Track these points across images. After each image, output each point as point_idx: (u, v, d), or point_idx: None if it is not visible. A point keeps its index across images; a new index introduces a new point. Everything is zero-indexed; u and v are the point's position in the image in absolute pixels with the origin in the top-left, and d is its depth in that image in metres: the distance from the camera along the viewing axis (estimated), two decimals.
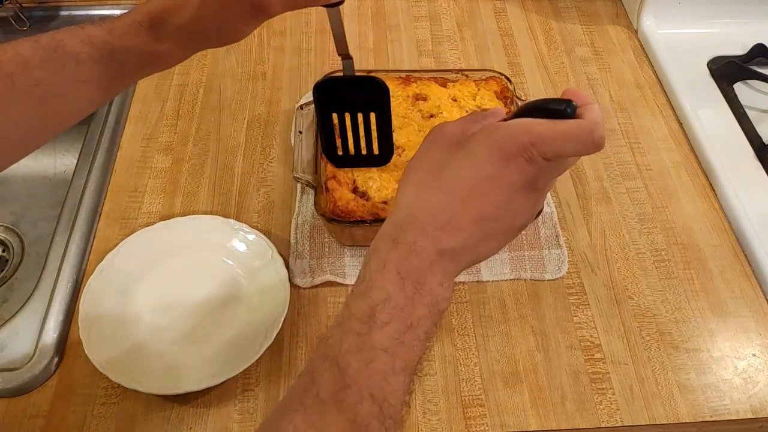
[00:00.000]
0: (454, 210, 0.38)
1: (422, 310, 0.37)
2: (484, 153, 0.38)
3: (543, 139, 0.37)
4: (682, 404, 0.59)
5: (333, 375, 0.35)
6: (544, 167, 0.38)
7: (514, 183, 0.38)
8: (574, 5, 0.98)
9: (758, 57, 0.88)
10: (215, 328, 0.61)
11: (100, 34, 0.47)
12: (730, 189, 0.74)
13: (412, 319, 0.36)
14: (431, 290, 0.37)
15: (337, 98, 0.51)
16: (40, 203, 0.91)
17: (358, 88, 0.51)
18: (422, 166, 0.41)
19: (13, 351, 0.60)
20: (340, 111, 0.51)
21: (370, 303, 0.36)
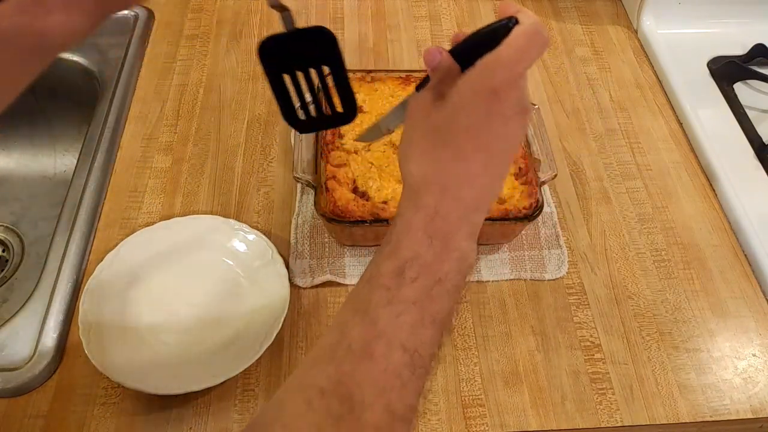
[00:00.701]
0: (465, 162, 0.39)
1: (450, 265, 0.38)
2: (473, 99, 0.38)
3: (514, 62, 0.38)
4: (682, 404, 0.59)
5: (364, 327, 0.36)
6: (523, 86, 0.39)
7: (507, 114, 0.39)
8: (574, 5, 0.98)
9: (758, 57, 0.88)
10: (215, 328, 0.61)
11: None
12: (730, 189, 0.74)
13: (440, 275, 0.37)
14: (459, 246, 0.38)
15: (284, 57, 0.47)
16: (40, 203, 0.92)
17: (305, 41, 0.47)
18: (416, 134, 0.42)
19: (13, 351, 0.60)
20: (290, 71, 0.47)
21: (398, 262, 0.37)
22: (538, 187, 0.65)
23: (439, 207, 0.39)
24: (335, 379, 0.35)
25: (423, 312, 0.36)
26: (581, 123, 0.82)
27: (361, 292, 0.38)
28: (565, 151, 0.79)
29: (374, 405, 0.34)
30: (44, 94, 0.93)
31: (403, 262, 0.37)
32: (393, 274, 0.37)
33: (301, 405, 0.34)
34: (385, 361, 0.35)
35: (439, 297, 0.37)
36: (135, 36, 0.89)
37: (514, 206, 0.63)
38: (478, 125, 0.39)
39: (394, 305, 0.36)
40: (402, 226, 0.39)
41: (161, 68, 0.86)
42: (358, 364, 0.35)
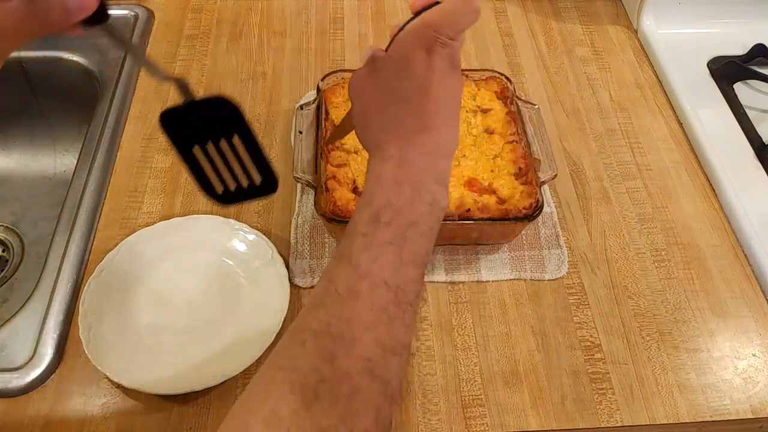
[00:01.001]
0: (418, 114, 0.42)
1: (422, 208, 0.40)
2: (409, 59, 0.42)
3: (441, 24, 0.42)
4: (682, 404, 0.59)
5: (347, 272, 0.38)
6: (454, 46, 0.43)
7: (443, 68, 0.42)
8: (574, 5, 0.98)
9: (758, 57, 0.88)
10: (215, 328, 0.61)
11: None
12: (730, 189, 0.74)
13: (413, 218, 0.40)
14: (428, 189, 0.41)
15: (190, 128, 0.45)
16: (40, 203, 0.92)
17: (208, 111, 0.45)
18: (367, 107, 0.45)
19: (13, 351, 0.60)
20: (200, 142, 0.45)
21: (372, 210, 0.40)
22: (538, 187, 0.65)
23: (404, 155, 0.41)
24: (325, 321, 0.37)
25: (400, 252, 0.39)
26: (581, 123, 0.82)
27: (343, 243, 0.40)
28: (565, 151, 0.79)
29: (363, 339, 0.36)
30: (44, 94, 0.93)
31: (376, 210, 0.40)
32: (369, 221, 0.39)
33: (297, 347, 0.36)
34: (371, 300, 0.37)
35: (415, 238, 0.39)
36: (135, 36, 0.89)
37: (514, 206, 0.63)
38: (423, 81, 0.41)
39: (373, 248, 0.38)
40: (372, 179, 0.42)
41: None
42: (346, 305, 0.37)
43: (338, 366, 0.35)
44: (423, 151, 0.41)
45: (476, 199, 0.64)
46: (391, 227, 0.39)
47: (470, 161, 0.68)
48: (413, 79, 0.42)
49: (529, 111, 0.73)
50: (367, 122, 0.45)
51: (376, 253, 0.38)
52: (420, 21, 0.43)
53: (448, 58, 0.42)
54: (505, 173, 0.67)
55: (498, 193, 0.66)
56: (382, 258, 0.38)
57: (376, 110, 0.44)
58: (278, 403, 0.34)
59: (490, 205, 0.64)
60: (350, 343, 0.36)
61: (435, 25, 0.42)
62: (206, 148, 0.46)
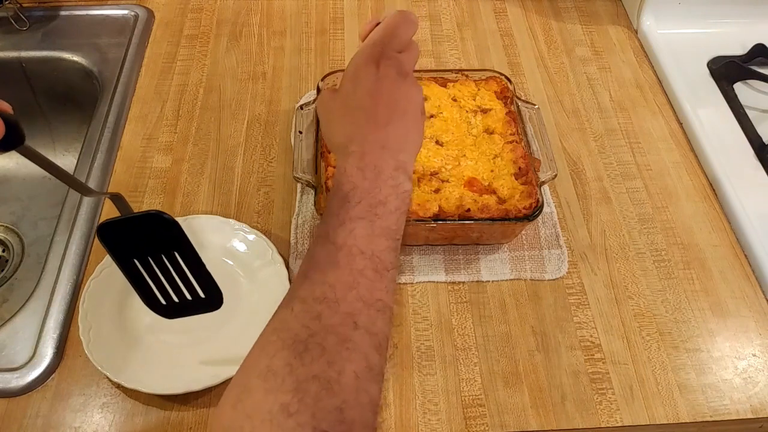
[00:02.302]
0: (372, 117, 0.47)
1: (387, 190, 0.44)
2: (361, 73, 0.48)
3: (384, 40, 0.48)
4: (682, 404, 0.59)
5: (325, 247, 0.42)
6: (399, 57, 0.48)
7: (391, 76, 0.47)
8: (574, 5, 0.98)
9: (758, 57, 0.88)
10: (215, 328, 0.61)
11: None
12: (730, 189, 0.74)
13: (380, 197, 0.44)
14: (390, 174, 0.45)
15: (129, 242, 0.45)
16: (40, 203, 0.92)
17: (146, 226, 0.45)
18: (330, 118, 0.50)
19: (13, 351, 0.60)
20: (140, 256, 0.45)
21: (341, 194, 0.44)
22: (538, 187, 0.65)
23: (365, 149, 0.46)
24: (309, 289, 0.40)
25: (372, 225, 0.42)
26: (581, 123, 0.82)
27: (319, 227, 0.45)
28: (565, 151, 0.79)
29: (347, 297, 0.39)
30: (44, 94, 0.93)
31: (345, 193, 0.44)
32: (340, 203, 0.43)
33: (287, 313, 0.40)
34: (349, 265, 0.41)
35: (384, 215, 0.43)
36: (135, 36, 0.89)
37: (514, 206, 0.63)
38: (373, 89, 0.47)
39: (346, 224, 0.42)
40: (339, 172, 0.46)
41: (161, 68, 0.86)
42: (327, 273, 0.41)
43: (325, 322, 0.38)
44: (379, 145, 0.46)
45: (476, 199, 0.64)
46: (361, 205, 0.43)
47: (470, 161, 0.68)
48: (365, 89, 0.47)
49: (529, 111, 0.73)
50: (331, 131, 0.50)
51: (350, 227, 0.42)
52: (367, 41, 0.50)
53: (396, 68, 0.48)
54: (505, 173, 0.67)
55: (498, 193, 0.66)
56: (355, 231, 0.42)
57: (338, 119, 0.49)
58: (272, 360, 0.37)
59: (490, 205, 0.64)
60: (334, 302, 0.39)
61: (379, 42, 0.48)
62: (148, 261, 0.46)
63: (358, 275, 0.40)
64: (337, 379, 0.36)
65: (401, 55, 0.49)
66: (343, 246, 0.41)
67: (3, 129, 0.41)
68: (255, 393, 0.36)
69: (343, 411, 0.35)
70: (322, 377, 0.36)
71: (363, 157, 0.45)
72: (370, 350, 0.38)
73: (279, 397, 0.35)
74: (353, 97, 0.48)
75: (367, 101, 0.47)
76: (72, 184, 0.48)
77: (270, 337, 0.39)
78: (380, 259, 0.42)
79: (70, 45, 0.89)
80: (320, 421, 0.34)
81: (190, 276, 0.48)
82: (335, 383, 0.36)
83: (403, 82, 0.48)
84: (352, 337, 0.38)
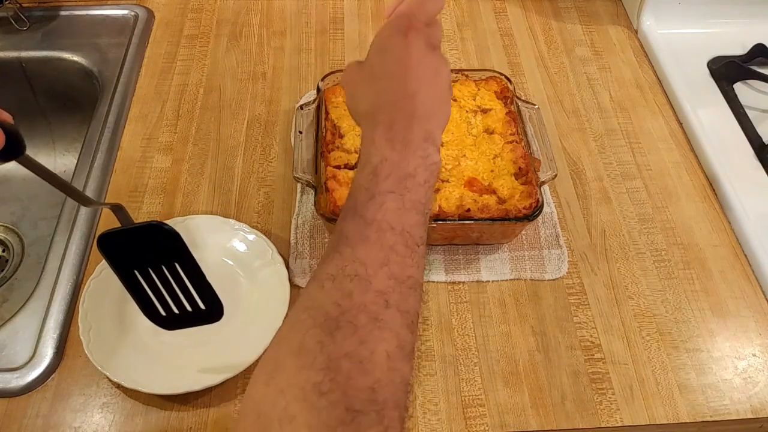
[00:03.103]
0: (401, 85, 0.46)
1: (416, 162, 0.43)
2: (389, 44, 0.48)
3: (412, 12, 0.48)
4: (682, 404, 0.59)
5: (355, 222, 0.41)
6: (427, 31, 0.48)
7: (420, 48, 0.47)
8: (574, 5, 0.98)
9: (758, 57, 0.88)
10: (215, 327, 0.61)
11: None
12: (730, 189, 0.74)
13: (409, 170, 0.42)
14: (419, 145, 0.44)
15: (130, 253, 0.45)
16: (40, 203, 0.92)
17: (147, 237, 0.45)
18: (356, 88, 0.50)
19: (13, 351, 0.60)
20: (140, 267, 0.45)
21: (370, 167, 0.43)
22: (538, 187, 0.65)
23: (393, 118, 0.45)
24: (340, 265, 0.39)
25: (402, 199, 0.41)
26: (581, 123, 0.82)
27: (348, 200, 0.43)
28: (565, 151, 0.79)
29: (378, 275, 0.38)
30: (44, 94, 0.93)
31: (375, 166, 0.43)
32: (369, 176, 0.42)
33: (317, 291, 0.39)
34: (380, 241, 0.40)
35: (414, 188, 0.42)
36: (135, 36, 0.89)
37: (514, 206, 0.63)
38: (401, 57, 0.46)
39: (376, 198, 0.41)
40: (367, 143, 0.45)
41: (161, 68, 0.86)
42: (358, 249, 0.39)
43: (357, 300, 0.37)
44: (408, 114, 0.45)
45: (476, 199, 0.64)
46: (390, 179, 0.42)
47: (470, 161, 0.68)
48: (394, 58, 0.47)
49: (529, 111, 0.73)
50: (356, 101, 0.49)
51: (380, 201, 0.41)
52: (395, 13, 0.50)
53: (424, 39, 0.47)
54: (505, 173, 0.67)
55: (498, 193, 0.66)
56: (385, 205, 0.41)
57: (365, 88, 0.48)
58: (304, 337, 0.36)
59: (490, 205, 0.64)
60: (366, 279, 0.38)
61: (407, 13, 0.48)
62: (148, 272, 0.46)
63: (389, 251, 0.40)
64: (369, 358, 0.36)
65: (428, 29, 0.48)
66: (373, 221, 0.40)
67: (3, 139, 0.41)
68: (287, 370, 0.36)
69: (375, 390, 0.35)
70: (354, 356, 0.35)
71: (391, 126, 0.44)
72: (401, 329, 0.38)
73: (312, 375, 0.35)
74: (381, 66, 0.48)
75: (395, 69, 0.46)
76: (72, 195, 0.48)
77: (301, 314, 0.38)
78: (410, 234, 0.41)
79: (70, 45, 0.89)
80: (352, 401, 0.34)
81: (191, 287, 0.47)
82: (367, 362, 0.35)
83: (431, 53, 0.48)
84: (383, 316, 0.37)
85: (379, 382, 0.35)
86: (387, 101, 0.46)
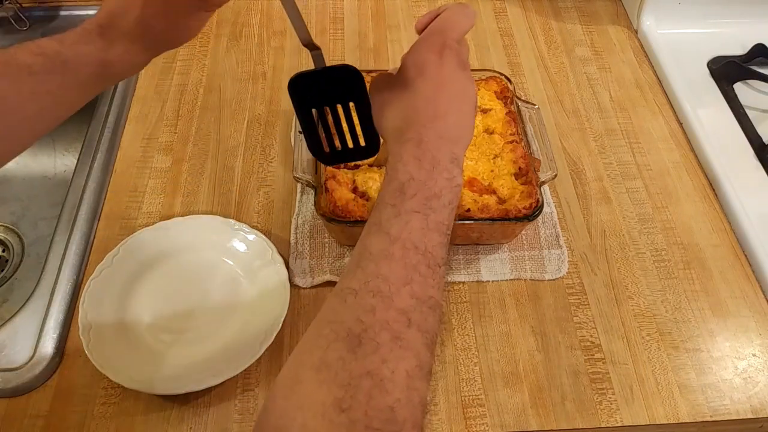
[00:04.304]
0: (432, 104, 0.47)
1: (442, 183, 0.44)
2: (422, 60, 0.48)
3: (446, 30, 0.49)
4: (682, 404, 0.59)
5: (380, 237, 0.41)
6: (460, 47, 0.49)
7: (453, 67, 0.48)
8: (574, 5, 0.98)
9: (758, 57, 0.88)
10: (215, 327, 0.61)
11: (52, 44, 0.47)
12: (730, 189, 0.74)
13: (435, 190, 0.43)
14: (446, 167, 0.44)
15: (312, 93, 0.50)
16: (40, 203, 0.91)
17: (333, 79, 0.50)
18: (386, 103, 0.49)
19: (13, 351, 0.60)
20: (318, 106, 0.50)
21: (397, 184, 0.43)
22: (538, 187, 0.65)
23: (422, 136, 0.45)
24: (364, 280, 0.39)
25: (426, 219, 0.42)
26: (581, 123, 0.82)
27: (373, 216, 0.44)
28: (565, 151, 0.79)
29: (401, 293, 0.39)
30: None
31: (401, 183, 0.43)
32: (395, 193, 0.43)
33: (340, 305, 0.39)
34: (403, 259, 0.40)
35: (438, 208, 0.43)
36: None
37: (514, 206, 0.63)
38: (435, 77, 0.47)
39: (401, 216, 0.42)
40: (394, 159, 0.45)
41: (161, 68, 0.86)
42: (381, 265, 0.40)
43: (379, 317, 0.38)
44: (437, 135, 0.46)
45: (476, 199, 0.64)
46: (416, 198, 0.42)
47: (470, 161, 0.68)
48: (428, 77, 0.48)
49: (529, 111, 0.73)
50: (385, 115, 0.49)
51: (405, 219, 0.42)
52: (428, 30, 0.50)
53: (457, 58, 0.48)
54: (505, 173, 0.67)
55: (498, 193, 0.65)
56: (410, 224, 0.41)
57: (395, 103, 0.49)
58: (326, 352, 0.36)
59: (490, 205, 0.64)
60: (388, 297, 0.38)
61: (441, 31, 0.49)
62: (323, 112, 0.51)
63: (412, 270, 0.40)
64: (390, 377, 0.36)
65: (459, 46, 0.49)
66: (398, 239, 0.41)
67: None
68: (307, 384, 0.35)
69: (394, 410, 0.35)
70: (375, 374, 0.35)
71: (420, 144, 0.45)
72: (421, 348, 0.38)
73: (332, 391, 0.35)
74: (414, 83, 0.48)
75: (429, 88, 0.47)
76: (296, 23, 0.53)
77: (323, 328, 0.38)
78: (432, 254, 0.41)
79: None
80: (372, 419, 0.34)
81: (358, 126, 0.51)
82: (388, 381, 0.35)
83: (462, 73, 0.48)
84: (405, 335, 0.38)
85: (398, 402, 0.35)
86: (417, 120, 0.46)
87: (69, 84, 0.48)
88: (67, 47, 0.47)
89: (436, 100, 0.47)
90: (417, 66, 0.48)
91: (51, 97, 0.47)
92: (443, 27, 0.50)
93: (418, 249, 0.41)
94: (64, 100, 0.48)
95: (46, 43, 0.47)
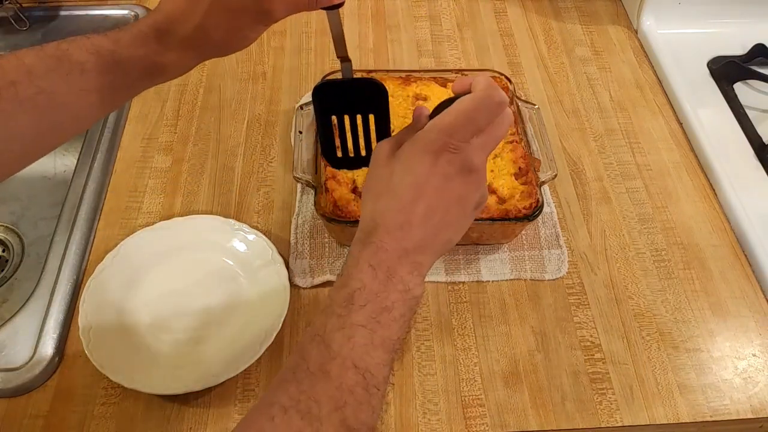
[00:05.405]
0: (405, 212, 0.43)
1: (396, 296, 0.41)
2: (415, 159, 0.44)
3: (454, 128, 0.43)
4: (682, 404, 0.59)
5: (320, 350, 0.39)
6: (472, 148, 0.43)
7: (448, 173, 0.43)
8: (574, 5, 0.98)
9: (758, 57, 0.88)
10: (215, 328, 0.61)
11: (107, 43, 0.46)
12: (730, 189, 0.74)
13: (387, 303, 0.41)
14: (402, 278, 0.42)
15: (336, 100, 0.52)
16: (40, 203, 0.91)
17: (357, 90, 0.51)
18: (373, 181, 0.46)
19: (13, 351, 0.60)
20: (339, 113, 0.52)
21: (348, 291, 0.41)
22: (538, 187, 0.65)
23: (383, 244, 0.42)
24: (295, 398, 0.38)
25: (372, 335, 0.40)
26: (581, 123, 0.82)
27: (319, 319, 0.41)
28: (565, 151, 0.79)
29: (331, 418, 0.37)
30: None
31: (352, 291, 0.41)
32: (344, 302, 0.41)
33: (266, 422, 0.37)
34: (339, 380, 0.38)
35: (387, 323, 0.41)
36: None
37: (514, 206, 0.63)
38: (418, 182, 0.43)
39: (346, 329, 0.40)
40: (352, 260, 0.43)
41: None
42: (316, 383, 0.38)
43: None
44: (401, 246, 0.43)
45: None
46: (365, 310, 0.40)
47: None
48: (411, 179, 0.43)
49: (529, 111, 0.73)
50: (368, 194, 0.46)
51: (349, 334, 0.40)
52: (433, 125, 0.44)
53: (459, 163, 0.43)
54: (505, 173, 0.67)
55: (498, 193, 0.66)
56: (353, 339, 0.39)
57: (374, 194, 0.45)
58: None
59: (490, 205, 0.64)
60: (317, 421, 0.37)
61: (447, 130, 0.43)
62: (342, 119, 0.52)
63: (346, 394, 0.38)
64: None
65: (475, 142, 0.43)
66: (338, 355, 0.39)
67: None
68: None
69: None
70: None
71: (378, 252, 0.42)
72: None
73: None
74: (397, 179, 0.44)
75: (408, 194, 0.43)
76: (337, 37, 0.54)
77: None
78: (373, 374, 0.39)
79: None
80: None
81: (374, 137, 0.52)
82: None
83: (461, 180, 0.43)
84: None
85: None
86: (384, 225, 0.43)
87: (118, 84, 0.48)
88: (122, 48, 0.47)
89: (413, 209, 0.43)
90: (406, 163, 0.44)
91: (99, 95, 0.47)
92: (452, 125, 0.43)
93: (358, 369, 0.39)
94: (110, 99, 0.48)
95: (101, 42, 0.46)
